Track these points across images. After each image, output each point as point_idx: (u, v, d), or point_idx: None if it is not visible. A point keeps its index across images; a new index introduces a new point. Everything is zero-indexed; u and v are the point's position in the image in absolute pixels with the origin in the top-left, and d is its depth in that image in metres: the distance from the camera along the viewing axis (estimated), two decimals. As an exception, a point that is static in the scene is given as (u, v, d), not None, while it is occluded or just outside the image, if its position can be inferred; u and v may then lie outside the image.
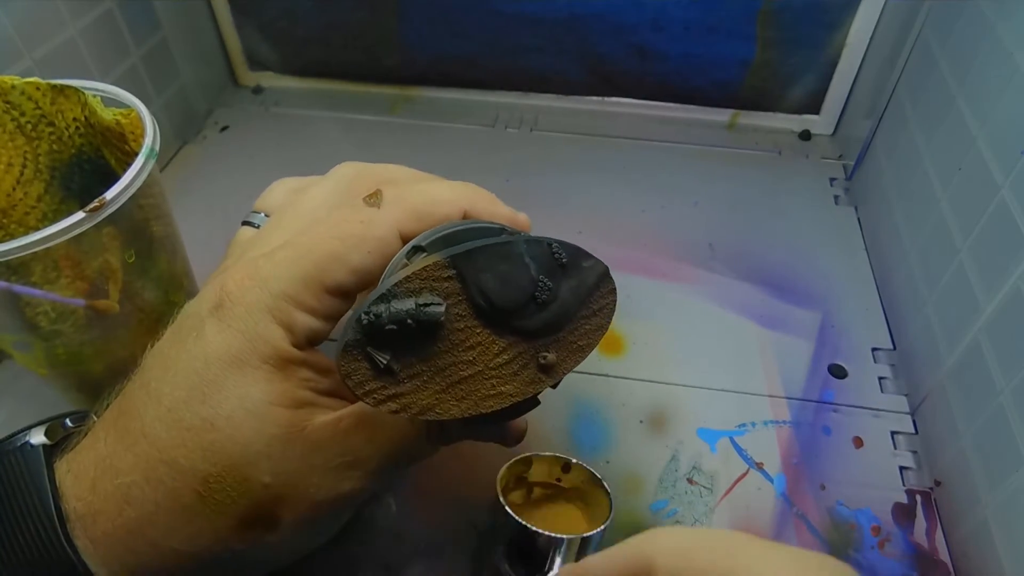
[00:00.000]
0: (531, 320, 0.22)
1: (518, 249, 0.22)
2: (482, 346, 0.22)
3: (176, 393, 0.22)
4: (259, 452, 0.22)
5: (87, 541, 0.21)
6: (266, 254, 0.24)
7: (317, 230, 0.24)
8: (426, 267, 0.21)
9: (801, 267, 0.43)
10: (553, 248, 0.23)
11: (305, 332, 0.23)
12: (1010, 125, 0.31)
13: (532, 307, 0.22)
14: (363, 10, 0.53)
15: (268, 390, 0.22)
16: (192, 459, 0.21)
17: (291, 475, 0.22)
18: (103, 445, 0.22)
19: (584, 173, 0.50)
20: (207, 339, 0.22)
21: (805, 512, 0.32)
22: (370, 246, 0.24)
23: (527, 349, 0.23)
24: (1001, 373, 0.29)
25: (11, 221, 0.32)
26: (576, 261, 0.23)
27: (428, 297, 0.21)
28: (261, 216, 0.29)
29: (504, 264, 0.22)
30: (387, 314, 0.21)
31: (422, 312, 0.21)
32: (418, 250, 0.23)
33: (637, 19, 0.50)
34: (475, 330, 0.22)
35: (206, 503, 0.21)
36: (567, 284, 0.23)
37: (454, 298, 0.21)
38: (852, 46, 0.49)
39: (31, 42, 0.39)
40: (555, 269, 0.23)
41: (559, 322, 0.23)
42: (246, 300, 0.22)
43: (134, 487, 0.21)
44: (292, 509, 0.22)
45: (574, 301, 0.23)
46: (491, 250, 0.22)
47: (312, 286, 0.23)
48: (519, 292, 0.22)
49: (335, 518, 0.26)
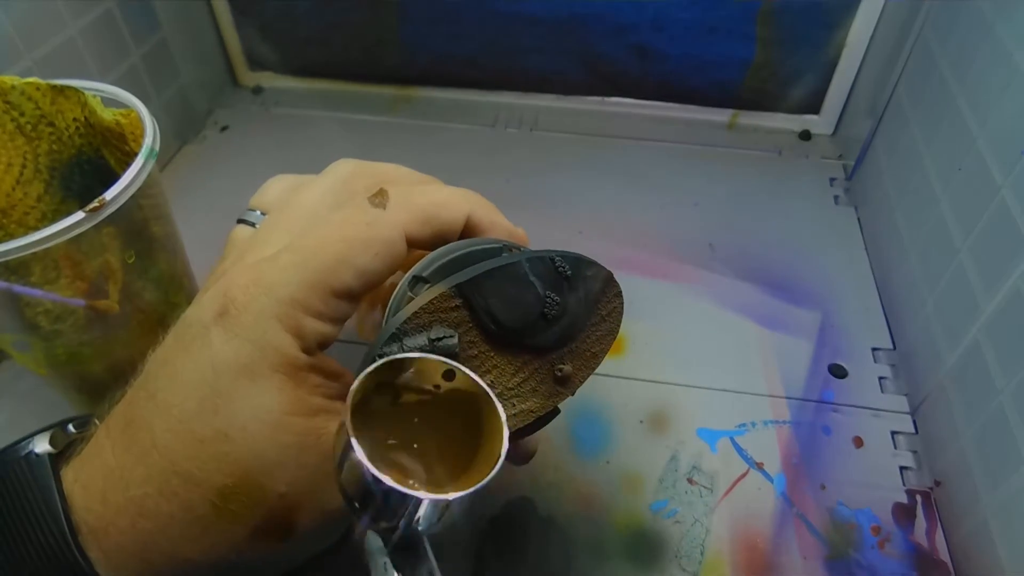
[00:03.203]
0: (543, 336, 0.22)
1: (522, 269, 0.22)
2: (498, 369, 0.22)
3: (186, 404, 0.21)
4: (274, 462, 0.21)
5: (99, 553, 0.21)
6: (269, 258, 0.23)
7: (321, 232, 0.24)
8: (432, 300, 0.21)
9: (801, 267, 0.43)
10: (556, 262, 0.22)
11: (315, 337, 0.23)
12: (1010, 125, 0.31)
13: (542, 324, 0.22)
14: (363, 10, 0.53)
15: (281, 399, 0.22)
16: (206, 470, 0.21)
17: (307, 484, 0.22)
18: (111, 456, 0.22)
19: (584, 173, 0.50)
20: (214, 348, 0.22)
21: (805, 512, 0.32)
22: (377, 248, 0.23)
23: (542, 365, 0.23)
24: (1001, 373, 0.29)
25: (11, 221, 0.32)
26: (579, 271, 0.23)
27: (440, 330, 0.21)
28: (257, 214, 0.28)
29: (510, 286, 0.22)
30: (400, 355, 0.20)
31: (436, 347, 0.21)
32: (420, 280, 0.23)
33: (637, 19, 0.50)
34: (489, 355, 0.22)
35: (221, 514, 0.21)
36: (574, 296, 0.23)
37: (464, 327, 0.21)
38: (852, 46, 0.49)
39: (31, 42, 0.39)
40: (560, 283, 0.23)
41: (570, 334, 0.23)
42: (253, 308, 0.22)
43: (147, 499, 0.21)
44: (307, 517, 0.22)
45: (583, 311, 0.23)
46: (495, 274, 0.22)
47: (320, 290, 0.22)
48: (528, 312, 0.22)
49: (345, 521, 0.26)
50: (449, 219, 0.25)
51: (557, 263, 0.22)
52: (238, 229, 0.28)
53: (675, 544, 0.31)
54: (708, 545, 0.31)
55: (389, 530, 0.19)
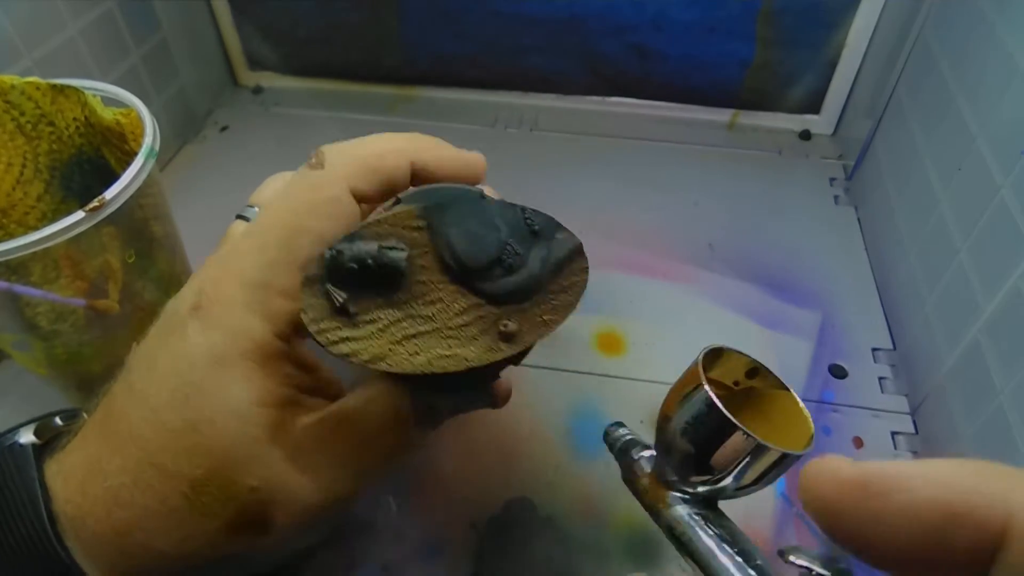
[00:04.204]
0: (496, 283, 0.22)
1: (490, 211, 0.22)
2: (442, 303, 0.22)
3: (161, 395, 0.22)
4: (244, 455, 0.21)
5: (77, 543, 0.21)
6: (232, 247, 0.23)
7: (271, 208, 0.24)
8: (396, 214, 0.21)
9: (801, 267, 0.43)
10: (526, 214, 0.22)
11: (286, 317, 0.23)
12: (1010, 125, 0.31)
13: (498, 270, 0.22)
14: (363, 10, 0.53)
15: (250, 388, 0.22)
16: (178, 462, 0.21)
17: (278, 478, 0.22)
18: (91, 446, 0.22)
19: (584, 173, 0.50)
20: (189, 339, 0.22)
21: (805, 512, 0.32)
22: (325, 208, 0.23)
23: (489, 314, 0.22)
24: (1001, 373, 0.29)
25: (11, 221, 0.32)
26: (549, 232, 0.23)
27: (393, 242, 0.21)
28: (254, 210, 0.29)
29: (474, 222, 0.22)
30: (349, 252, 0.21)
31: (384, 255, 0.21)
32: (396, 203, 0.23)
33: (637, 19, 0.50)
34: (437, 285, 0.22)
35: (194, 507, 0.21)
36: (537, 252, 0.22)
37: (420, 249, 0.21)
38: (852, 46, 0.49)
39: (31, 42, 0.39)
40: (526, 236, 0.22)
41: (525, 291, 0.22)
42: (221, 297, 0.22)
43: (123, 490, 0.21)
44: (283, 512, 0.22)
45: (543, 272, 0.23)
46: (463, 207, 0.22)
47: (282, 266, 0.22)
48: (485, 252, 0.22)
49: (328, 519, 0.26)
50: (392, 164, 0.25)
51: (527, 215, 0.22)
52: (235, 224, 0.28)
53: (675, 544, 0.31)
54: (708, 545, 0.31)
55: (710, 483, 0.21)
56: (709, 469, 0.21)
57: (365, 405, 0.23)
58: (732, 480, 0.21)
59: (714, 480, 0.21)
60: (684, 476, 0.22)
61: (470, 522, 0.31)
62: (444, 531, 0.31)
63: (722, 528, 0.21)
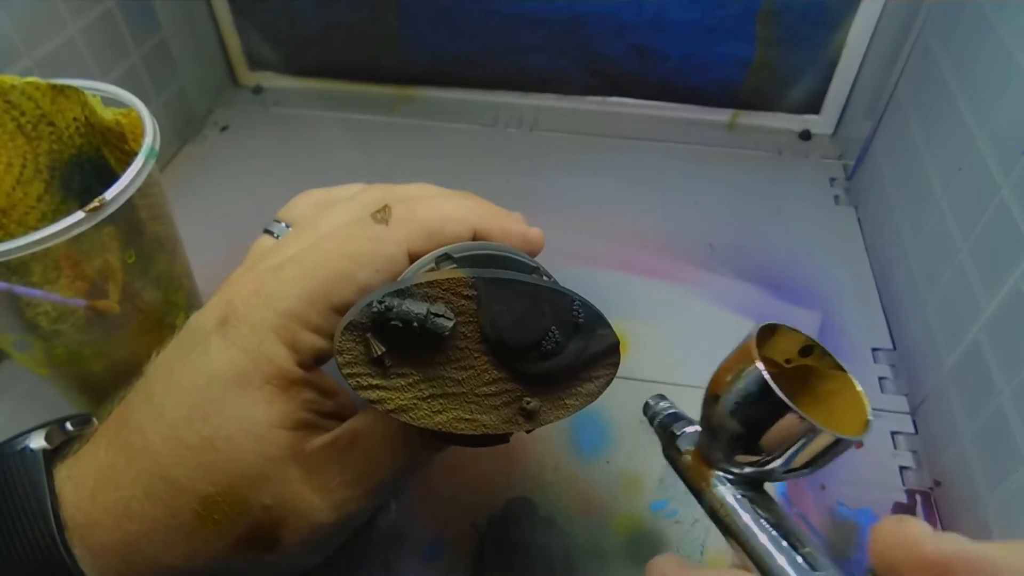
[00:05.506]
0: (530, 365, 0.22)
1: (542, 296, 0.22)
2: (474, 370, 0.22)
3: (178, 410, 0.22)
4: (259, 474, 0.22)
5: (84, 551, 0.21)
6: (273, 269, 0.23)
7: (324, 246, 0.24)
8: (450, 279, 0.21)
9: (801, 267, 0.43)
10: (575, 305, 0.23)
11: (311, 352, 0.23)
12: (1010, 125, 0.31)
13: (535, 353, 0.22)
14: (363, 10, 0.53)
15: (269, 411, 0.22)
16: (192, 478, 0.21)
17: (291, 497, 0.22)
18: (104, 455, 0.22)
19: (584, 173, 0.50)
20: (211, 356, 0.22)
21: (805, 512, 0.32)
22: (378, 264, 0.23)
23: (515, 389, 0.23)
24: (1001, 373, 0.29)
25: (11, 221, 0.32)
26: (591, 326, 0.23)
27: (442, 308, 0.21)
28: (282, 226, 0.29)
29: (523, 304, 0.22)
30: (397, 310, 0.21)
31: (431, 320, 0.21)
32: (448, 258, 0.23)
33: (637, 19, 0.50)
34: (473, 353, 0.22)
35: (205, 523, 0.21)
36: (575, 344, 0.23)
37: (465, 317, 0.22)
38: (852, 46, 0.49)
39: (31, 42, 0.39)
40: (569, 326, 0.23)
41: (555, 377, 0.23)
42: (252, 318, 0.22)
43: (134, 501, 0.21)
44: (292, 530, 0.22)
45: (576, 363, 0.23)
46: (516, 286, 0.22)
47: (319, 305, 0.23)
48: (528, 336, 0.22)
49: (335, 537, 0.26)
50: (453, 233, 0.25)
51: (575, 306, 0.23)
52: (262, 239, 0.28)
53: (675, 544, 0.31)
54: (708, 545, 0.31)
55: (758, 465, 0.20)
56: (758, 450, 0.20)
57: (374, 426, 0.24)
58: (781, 463, 0.20)
59: (763, 462, 0.20)
60: (730, 456, 0.21)
61: (470, 522, 0.31)
62: (444, 531, 0.31)
63: (770, 512, 0.20)
